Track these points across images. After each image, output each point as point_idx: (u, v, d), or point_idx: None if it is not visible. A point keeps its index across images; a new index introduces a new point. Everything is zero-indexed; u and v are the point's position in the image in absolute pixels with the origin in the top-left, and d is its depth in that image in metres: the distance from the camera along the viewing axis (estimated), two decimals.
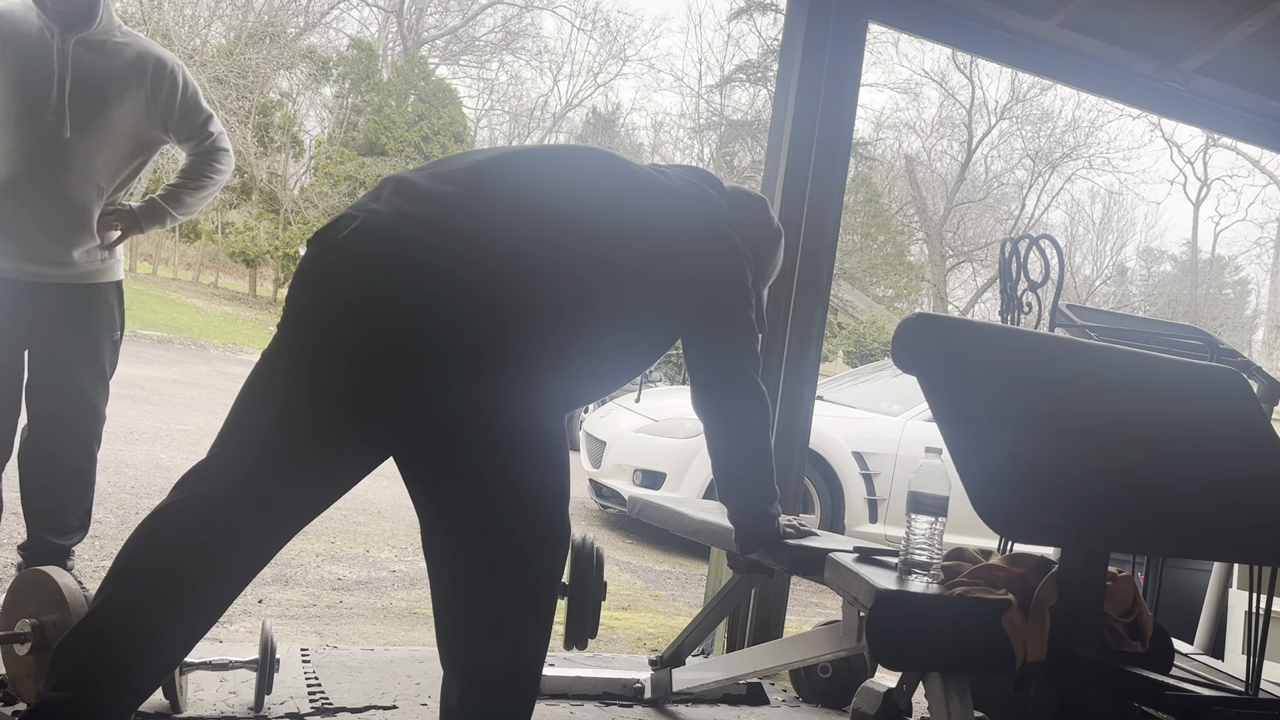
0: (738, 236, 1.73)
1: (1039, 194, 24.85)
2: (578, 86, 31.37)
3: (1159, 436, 1.68)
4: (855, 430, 5.38)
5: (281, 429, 1.48)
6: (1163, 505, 1.58)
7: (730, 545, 2.01)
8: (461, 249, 1.42)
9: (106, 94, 2.39)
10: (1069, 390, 1.62)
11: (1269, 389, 2.74)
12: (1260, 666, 1.79)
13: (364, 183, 17.29)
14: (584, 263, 1.49)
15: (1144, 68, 3.26)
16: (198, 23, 16.29)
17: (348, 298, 1.42)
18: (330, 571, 3.68)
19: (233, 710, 2.00)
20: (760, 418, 1.79)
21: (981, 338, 1.66)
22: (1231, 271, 29.15)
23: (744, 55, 23.62)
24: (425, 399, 1.41)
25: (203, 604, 1.47)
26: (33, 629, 1.74)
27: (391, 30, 25.09)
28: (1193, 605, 3.07)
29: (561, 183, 1.58)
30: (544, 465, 1.47)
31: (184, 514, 1.46)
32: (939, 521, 1.70)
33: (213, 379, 9.31)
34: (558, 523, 1.49)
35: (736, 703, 2.54)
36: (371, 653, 2.53)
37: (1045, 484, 1.47)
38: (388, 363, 1.41)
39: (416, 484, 1.47)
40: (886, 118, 26.93)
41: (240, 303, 18.03)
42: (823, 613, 4.36)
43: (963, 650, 1.56)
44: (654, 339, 1.66)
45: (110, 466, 4.65)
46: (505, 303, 1.41)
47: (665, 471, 5.18)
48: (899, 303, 23.31)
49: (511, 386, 1.42)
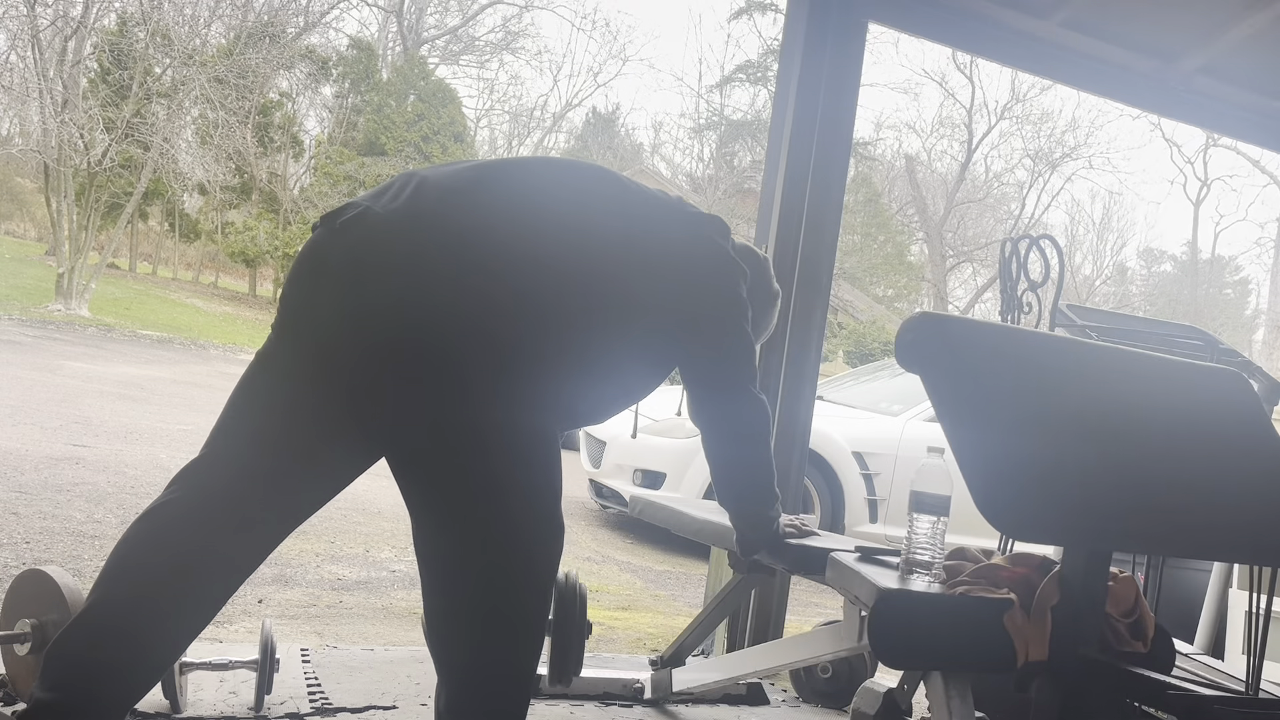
0: (732, 250, 1.72)
1: (1039, 194, 24.88)
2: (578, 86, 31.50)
3: (1160, 436, 1.68)
4: (855, 430, 5.38)
5: (275, 429, 1.48)
6: (1164, 505, 1.58)
7: (731, 545, 2.01)
8: (461, 252, 1.42)
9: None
10: (1071, 390, 1.62)
11: (1269, 389, 2.74)
12: (1260, 666, 1.79)
13: (363, 182, 17.28)
14: (583, 269, 1.49)
15: (1144, 68, 3.25)
16: (198, 23, 16.25)
17: (342, 298, 1.42)
18: (330, 571, 3.67)
19: (232, 710, 2.00)
20: (758, 421, 1.76)
21: (984, 337, 1.66)
22: (1231, 271, 29.16)
23: (744, 55, 23.73)
24: (419, 400, 1.41)
25: (196, 603, 1.47)
26: (33, 629, 1.74)
27: (391, 30, 25.11)
28: (1193, 605, 3.07)
29: (562, 192, 1.57)
30: (536, 464, 1.47)
31: (177, 513, 1.46)
32: (941, 521, 1.70)
33: (212, 379, 9.32)
34: (550, 522, 1.48)
35: (736, 703, 2.54)
36: (371, 653, 2.53)
37: (1047, 484, 1.47)
38: (382, 363, 1.41)
39: (408, 483, 1.47)
40: (886, 118, 27.06)
41: (240, 303, 18.02)
42: (823, 613, 4.36)
43: (964, 650, 1.56)
44: (651, 356, 1.63)
45: (110, 466, 4.65)
46: (503, 306, 1.41)
47: (665, 471, 5.18)
48: (899, 303, 23.31)
49: (505, 388, 1.42)
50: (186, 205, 18.58)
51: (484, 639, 1.46)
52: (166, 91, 15.10)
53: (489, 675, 1.47)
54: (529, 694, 1.51)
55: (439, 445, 1.42)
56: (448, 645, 1.47)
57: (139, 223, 18.17)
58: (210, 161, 15.51)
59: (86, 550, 3.31)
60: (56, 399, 6.45)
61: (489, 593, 1.45)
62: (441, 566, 1.47)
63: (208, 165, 15.46)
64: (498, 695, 1.48)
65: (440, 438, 1.42)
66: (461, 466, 1.42)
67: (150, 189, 15.72)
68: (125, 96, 14.48)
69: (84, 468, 4.54)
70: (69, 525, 3.58)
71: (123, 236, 16.52)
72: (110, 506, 3.92)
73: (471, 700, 1.46)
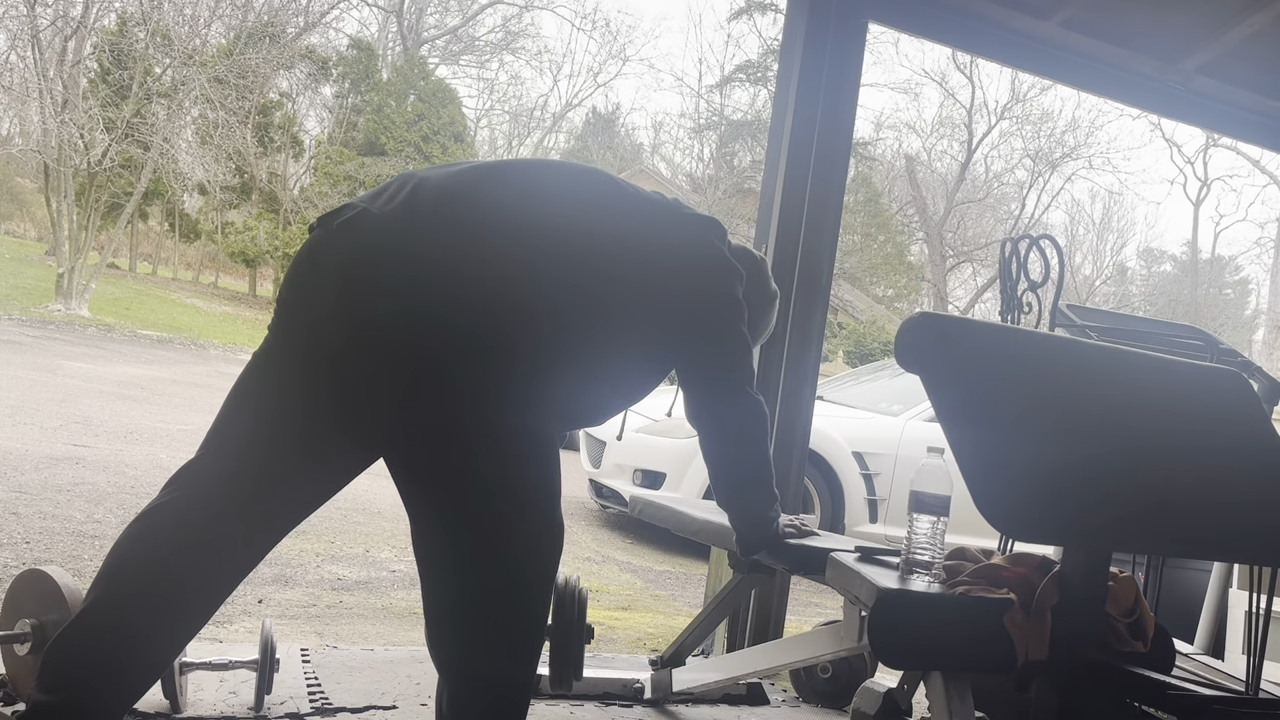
0: (729, 252, 1.72)
1: (1039, 194, 24.86)
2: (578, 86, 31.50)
3: (1160, 436, 1.68)
4: (855, 430, 5.38)
5: (272, 429, 1.48)
6: (1164, 505, 1.58)
7: (731, 545, 2.01)
8: (459, 254, 1.42)
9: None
10: (1071, 390, 1.62)
11: (1269, 389, 2.74)
12: (1260, 666, 1.79)
13: (363, 183, 17.28)
14: (580, 271, 1.49)
15: (1144, 68, 3.25)
16: (198, 23, 16.26)
17: (338, 299, 1.42)
18: (330, 571, 3.67)
19: (232, 710, 2.00)
20: (756, 421, 1.76)
21: (984, 338, 1.66)
22: (1231, 271, 29.17)
23: (744, 55, 23.70)
24: (417, 402, 1.41)
25: (193, 604, 1.47)
26: (33, 629, 1.74)
27: (391, 30, 25.11)
28: (1193, 605, 3.07)
29: (560, 195, 1.57)
30: (535, 465, 1.47)
31: (174, 514, 1.46)
32: (941, 521, 1.70)
33: (212, 379, 9.32)
34: (548, 522, 1.48)
35: (736, 703, 2.54)
36: (371, 653, 2.53)
37: (1047, 483, 1.47)
38: (379, 365, 1.41)
39: (406, 484, 1.47)
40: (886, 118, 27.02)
41: (240, 303, 18.02)
42: (823, 613, 4.36)
43: (964, 649, 1.56)
44: (648, 358, 1.63)
45: (110, 466, 4.65)
46: (501, 308, 1.41)
47: (665, 471, 5.18)
48: (899, 303, 23.30)
49: (503, 390, 1.42)
50: (186, 205, 18.58)
51: (484, 639, 1.46)
52: (166, 91, 15.10)
53: (489, 675, 1.47)
54: (529, 694, 1.51)
55: (437, 447, 1.42)
56: (448, 646, 1.47)
57: (139, 223, 18.17)
58: (210, 161, 15.51)
59: (86, 550, 3.31)
60: (56, 399, 6.45)
61: (489, 593, 1.45)
62: (441, 567, 1.47)
63: (208, 165, 15.47)
64: (498, 695, 1.48)
65: (438, 439, 1.42)
66: (459, 468, 1.42)
67: (150, 189, 15.72)
68: (125, 96, 14.48)
69: (84, 468, 4.54)
70: (69, 525, 3.58)
71: (123, 236, 16.52)
72: (110, 506, 3.92)
73: (472, 700, 1.46)
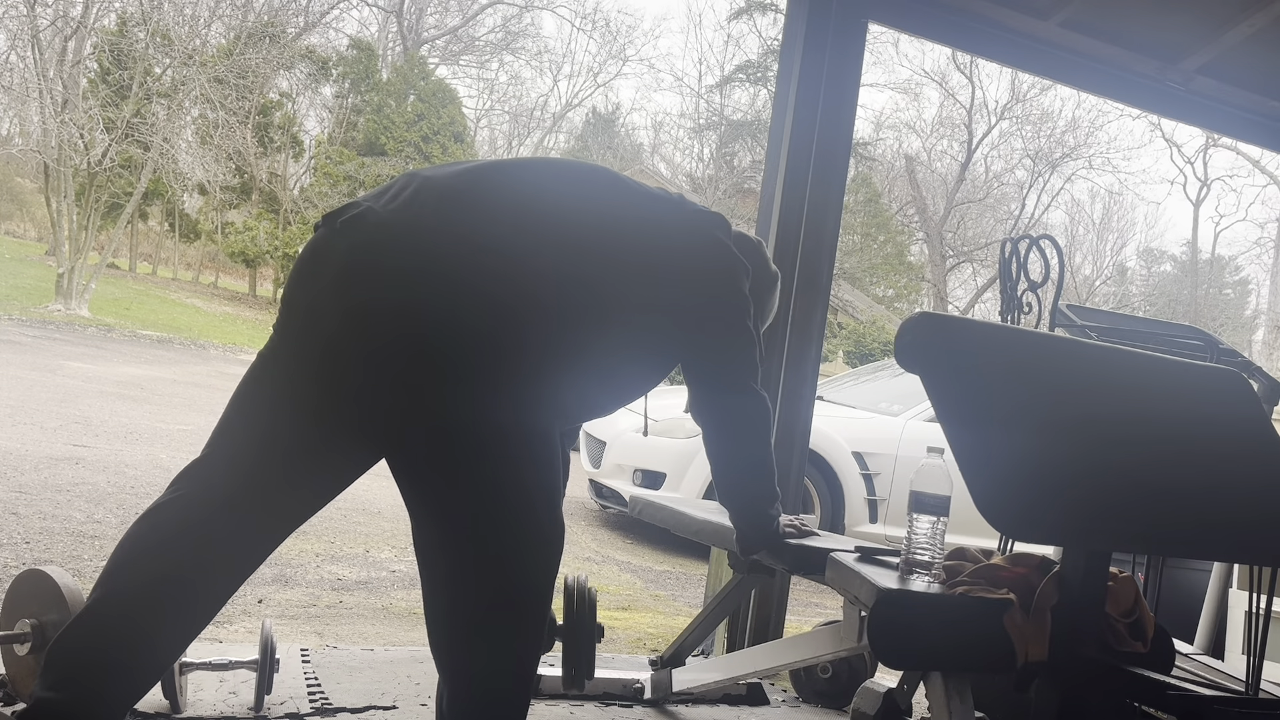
0: (734, 246, 1.72)
1: (1039, 194, 24.84)
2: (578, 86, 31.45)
3: (1160, 437, 1.68)
4: (855, 430, 5.38)
5: (276, 429, 1.48)
6: (1164, 505, 1.58)
7: (731, 545, 2.01)
8: (462, 253, 1.42)
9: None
10: (1071, 390, 1.62)
11: (1269, 389, 2.74)
12: (1260, 666, 1.79)
13: (363, 183, 17.28)
14: (583, 268, 1.49)
15: (1144, 68, 3.26)
16: (198, 23, 16.25)
17: (342, 298, 1.42)
18: (330, 571, 3.68)
19: (232, 710, 2.00)
20: (759, 418, 1.76)
21: (985, 338, 1.66)
22: (1231, 271, 29.15)
23: (744, 55, 23.62)
24: (419, 401, 1.41)
25: (197, 603, 1.47)
26: (33, 629, 1.74)
27: (391, 30, 25.10)
28: (1193, 605, 3.07)
29: (562, 192, 1.57)
30: (536, 465, 1.47)
31: (178, 513, 1.46)
32: (941, 521, 1.70)
33: (212, 379, 9.32)
34: (549, 523, 1.48)
35: (736, 703, 2.54)
36: (371, 653, 2.53)
37: (1047, 484, 1.47)
38: (382, 364, 1.41)
39: (408, 484, 1.47)
40: (886, 118, 26.99)
41: (240, 303, 18.02)
42: (823, 613, 4.36)
43: (964, 650, 1.56)
44: (653, 354, 1.63)
45: (110, 466, 4.65)
46: (504, 307, 1.41)
47: (665, 471, 5.18)
48: (899, 303, 23.30)
49: (506, 389, 1.42)
50: (186, 205, 18.58)
51: (484, 639, 1.46)
52: (166, 91, 15.10)
53: (489, 675, 1.47)
54: (529, 694, 1.52)
55: (439, 446, 1.42)
56: (448, 645, 1.47)
57: (139, 223, 18.17)
58: (210, 161, 15.51)
59: (86, 550, 3.31)
60: (56, 399, 6.46)
61: (489, 593, 1.45)
62: (442, 567, 1.47)
63: (208, 165, 15.47)
64: (498, 695, 1.48)
65: (440, 439, 1.42)
66: (461, 467, 1.42)
67: (150, 189, 15.72)
68: (125, 96, 14.48)
69: (84, 468, 4.54)
70: (69, 525, 3.58)
71: (123, 236, 16.52)
72: (110, 506, 3.92)
73: (472, 700, 1.46)
